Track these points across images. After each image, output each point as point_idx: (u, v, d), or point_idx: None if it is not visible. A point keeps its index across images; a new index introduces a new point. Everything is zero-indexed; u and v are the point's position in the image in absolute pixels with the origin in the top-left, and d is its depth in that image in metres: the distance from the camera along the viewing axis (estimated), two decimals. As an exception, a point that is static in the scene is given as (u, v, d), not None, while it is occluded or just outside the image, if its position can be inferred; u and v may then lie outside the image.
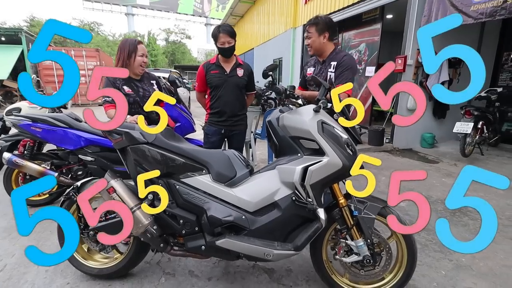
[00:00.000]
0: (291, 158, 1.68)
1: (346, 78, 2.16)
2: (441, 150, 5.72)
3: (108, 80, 2.35)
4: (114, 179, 1.77)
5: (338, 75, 2.18)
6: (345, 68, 2.18)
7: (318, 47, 2.29)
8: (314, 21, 2.25)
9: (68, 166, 3.15)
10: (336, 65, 2.21)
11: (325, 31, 2.23)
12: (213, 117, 2.71)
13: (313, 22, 2.25)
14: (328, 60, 2.30)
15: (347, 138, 1.66)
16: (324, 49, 2.30)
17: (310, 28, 2.26)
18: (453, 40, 5.55)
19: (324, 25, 2.23)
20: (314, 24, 2.24)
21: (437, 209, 3.13)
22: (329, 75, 2.25)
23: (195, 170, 1.75)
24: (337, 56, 2.26)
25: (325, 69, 2.29)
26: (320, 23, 2.23)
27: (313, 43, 2.28)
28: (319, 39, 2.25)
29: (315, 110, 1.60)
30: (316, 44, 2.28)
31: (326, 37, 2.25)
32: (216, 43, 2.53)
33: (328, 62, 2.29)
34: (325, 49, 2.29)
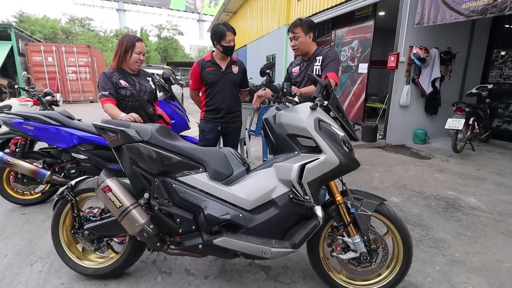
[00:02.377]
0: (288, 156, 1.68)
1: (332, 67, 2.27)
2: (433, 146, 5.80)
3: (105, 75, 2.32)
4: (110, 178, 1.75)
5: (325, 66, 2.29)
6: (331, 59, 2.30)
7: (304, 47, 2.39)
8: (299, 22, 2.35)
9: (61, 164, 3.11)
10: (322, 58, 2.33)
11: (310, 31, 2.35)
12: (209, 114, 2.69)
13: (298, 23, 2.35)
14: (313, 56, 2.41)
15: (344, 135, 1.66)
16: (309, 48, 2.41)
17: (296, 29, 2.35)
18: (445, 37, 5.62)
19: (309, 25, 2.35)
20: (299, 26, 2.34)
21: (431, 204, 3.17)
22: (315, 68, 2.36)
23: (191, 168, 1.74)
24: (322, 51, 2.38)
25: (311, 64, 2.40)
26: (304, 24, 2.34)
27: (300, 44, 2.37)
28: (306, 39, 2.36)
29: (311, 108, 1.60)
30: (303, 45, 2.38)
31: (311, 37, 2.37)
32: (220, 41, 2.50)
33: (313, 58, 2.40)
34: (310, 48, 2.41)
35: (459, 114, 4.86)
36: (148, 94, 2.46)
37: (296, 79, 2.53)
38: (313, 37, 2.39)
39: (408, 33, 5.54)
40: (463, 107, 4.88)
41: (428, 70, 5.65)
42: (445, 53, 5.74)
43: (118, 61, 2.33)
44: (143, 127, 1.80)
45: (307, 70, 2.40)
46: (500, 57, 6.24)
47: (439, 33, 5.68)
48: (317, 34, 9.68)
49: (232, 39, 2.52)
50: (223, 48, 2.52)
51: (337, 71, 2.32)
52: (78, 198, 1.94)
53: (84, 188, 1.93)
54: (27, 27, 27.18)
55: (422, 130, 5.95)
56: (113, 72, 2.33)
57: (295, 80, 2.54)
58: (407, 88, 5.76)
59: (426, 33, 5.59)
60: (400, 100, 5.81)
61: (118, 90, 2.31)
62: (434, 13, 4.73)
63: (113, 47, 31.40)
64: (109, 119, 1.97)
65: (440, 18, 4.63)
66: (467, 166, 4.57)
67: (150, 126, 1.81)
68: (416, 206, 3.13)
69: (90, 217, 1.92)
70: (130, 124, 1.83)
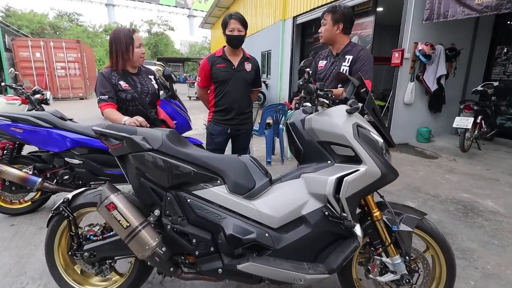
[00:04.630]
0: (320, 166, 1.47)
1: (366, 73, 1.99)
2: (437, 144, 5.68)
3: (103, 76, 2.06)
4: (114, 193, 1.51)
5: (357, 71, 2.00)
6: (363, 63, 2.03)
7: (329, 37, 2.14)
8: (331, 9, 2.10)
9: (53, 170, 2.85)
10: (352, 59, 2.06)
11: (340, 22, 2.08)
12: (218, 115, 2.46)
13: (330, 9, 2.10)
14: (342, 53, 2.14)
15: (383, 142, 1.47)
16: (336, 41, 2.15)
17: (327, 16, 2.11)
18: (448, 34, 5.47)
19: (341, 15, 2.07)
20: (331, 12, 2.09)
21: (449, 209, 3.02)
22: (343, 69, 2.09)
23: (208, 181, 1.53)
24: (353, 50, 2.10)
25: (338, 62, 2.14)
26: (337, 12, 2.07)
27: (325, 32, 2.13)
28: (333, 28, 2.10)
29: (348, 112, 1.39)
30: (327, 34, 2.13)
31: (340, 28, 2.09)
32: (224, 32, 2.29)
33: (342, 55, 2.13)
34: (337, 40, 2.14)
35: (467, 112, 4.74)
36: (150, 96, 2.21)
37: (320, 74, 2.28)
38: (344, 29, 2.11)
39: (413, 29, 5.38)
40: (472, 105, 4.76)
41: (433, 67, 5.51)
42: (450, 50, 5.61)
43: (122, 64, 2.06)
44: (152, 133, 1.57)
45: (334, 68, 2.17)
46: (504, 54, 6.15)
47: (443, 29, 5.54)
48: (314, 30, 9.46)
49: (237, 28, 2.27)
50: (226, 37, 2.31)
51: (371, 77, 2.06)
52: (76, 214, 1.70)
53: (83, 203, 1.69)
54: (13, 21, 26.31)
55: (426, 128, 5.82)
56: (111, 72, 2.08)
57: (318, 76, 2.29)
58: (412, 86, 5.62)
59: (430, 29, 5.44)
60: (404, 98, 5.67)
61: (118, 93, 2.06)
62: (444, 9, 4.57)
63: (103, 42, 30.82)
64: (110, 123, 1.73)
65: (451, 14, 4.47)
66: (476, 166, 4.45)
67: (160, 132, 1.58)
68: (434, 211, 2.97)
69: (91, 236, 1.68)
70: (137, 130, 1.60)
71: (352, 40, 2.23)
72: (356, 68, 2.03)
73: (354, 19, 2.14)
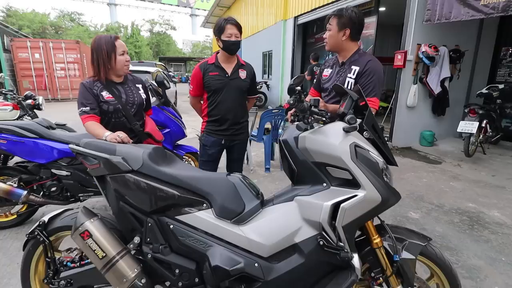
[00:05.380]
0: (314, 189, 1.35)
1: (373, 89, 1.77)
2: (441, 148, 5.53)
3: (84, 87, 1.94)
4: (90, 219, 1.39)
5: (363, 86, 1.76)
6: (370, 77, 1.77)
7: (334, 44, 1.89)
8: (337, 12, 1.84)
9: (40, 182, 2.74)
10: (358, 71, 1.81)
11: (347, 27, 1.81)
12: (211, 126, 2.34)
13: (336, 13, 1.85)
14: (349, 62, 1.89)
15: (383, 162, 1.34)
16: (342, 48, 1.90)
17: (332, 20, 1.86)
18: (452, 35, 5.27)
19: (348, 20, 1.80)
20: (336, 16, 1.84)
21: (453, 221, 2.88)
22: (348, 81, 1.85)
23: (193, 205, 1.40)
24: (360, 60, 1.84)
25: (343, 72, 1.90)
26: (344, 16, 1.81)
27: (330, 38, 1.88)
28: (338, 35, 1.85)
29: (345, 130, 1.27)
30: (332, 40, 1.88)
31: (347, 34, 1.83)
32: (220, 37, 2.14)
33: (348, 65, 1.88)
34: (343, 48, 1.89)
35: (472, 117, 4.58)
36: (136, 107, 2.08)
37: (325, 84, 2.04)
38: (351, 35, 1.84)
39: (416, 30, 5.23)
40: (476, 109, 4.60)
41: (437, 69, 5.35)
42: (454, 51, 5.45)
43: (104, 73, 1.94)
44: (132, 152, 1.45)
45: (338, 78, 1.93)
46: (509, 55, 5.98)
47: (447, 31, 5.38)
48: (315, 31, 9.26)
49: (234, 34, 2.14)
50: (223, 43, 2.15)
51: (379, 94, 1.81)
52: (53, 238, 1.59)
53: (60, 226, 1.58)
54: (14, 21, 26.29)
55: (429, 131, 5.67)
56: (93, 83, 1.95)
57: (323, 86, 2.07)
58: (415, 88, 5.47)
59: (434, 30, 5.29)
60: (407, 101, 5.52)
61: (100, 104, 1.94)
62: (447, 10, 4.41)
63: (104, 42, 30.58)
64: (88, 140, 1.61)
65: (454, 15, 4.32)
66: (481, 171, 4.30)
67: (141, 151, 1.45)
68: (438, 223, 2.84)
69: (68, 262, 1.56)
70: (116, 148, 1.48)
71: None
72: (362, 83, 1.79)
73: (363, 24, 1.89)
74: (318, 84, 2.12)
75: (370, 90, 1.77)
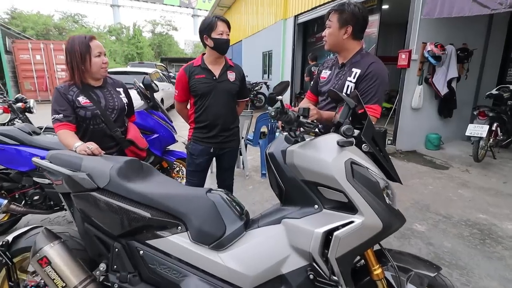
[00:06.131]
0: (304, 211, 1.17)
1: (375, 95, 1.57)
2: (448, 152, 5.30)
3: (58, 92, 1.77)
4: (50, 243, 1.22)
5: (364, 92, 1.57)
6: (372, 82, 1.57)
7: (334, 43, 1.68)
8: (338, 7, 1.63)
9: (22, 190, 2.60)
10: (360, 74, 1.61)
11: (349, 24, 1.60)
12: (199, 133, 2.16)
13: (337, 8, 1.63)
14: (349, 64, 1.69)
15: (385, 181, 1.15)
16: (343, 48, 1.69)
17: (332, 16, 1.65)
18: (459, 32, 4.99)
19: (351, 16, 1.59)
20: (337, 12, 1.62)
21: (463, 234, 2.68)
22: (347, 85, 1.64)
23: (166, 227, 1.23)
24: (361, 62, 1.63)
25: (343, 75, 1.69)
26: (345, 12, 1.60)
27: (330, 36, 1.67)
28: (339, 32, 1.63)
29: (340, 145, 1.08)
30: (332, 39, 1.66)
31: (348, 32, 1.62)
32: (210, 35, 1.97)
33: (349, 67, 1.68)
34: (344, 47, 1.68)
35: (482, 119, 4.35)
36: (117, 112, 1.91)
37: (322, 87, 1.84)
38: (353, 33, 1.63)
39: (421, 28, 5.01)
40: (486, 111, 4.37)
41: (443, 69, 5.13)
42: (462, 50, 5.22)
43: (79, 76, 1.78)
44: (99, 167, 1.28)
45: (338, 81, 1.72)
46: (519, 54, 5.74)
47: (453, 28, 5.15)
48: (316, 29, 8.99)
49: (225, 32, 1.98)
50: (214, 42, 1.97)
51: (381, 100, 1.60)
52: (19, 258, 1.44)
53: (25, 247, 1.42)
54: (19, 23, 26.43)
55: (435, 134, 5.45)
56: (69, 87, 1.79)
57: (320, 89, 1.87)
58: (420, 89, 5.25)
59: (440, 28, 5.06)
60: (412, 102, 5.30)
61: (76, 110, 1.77)
62: (449, 4, 4.15)
63: (106, 43, 30.78)
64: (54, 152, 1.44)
65: (457, 10, 4.07)
66: (491, 178, 4.08)
67: (110, 165, 1.29)
68: (446, 237, 2.63)
69: (32, 286, 1.40)
70: (82, 162, 1.31)
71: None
72: (363, 87, 1.59)
73: (367, 20, 1.67)
74: (316, 86, 1.93)
75: (372, 96, 1.56)
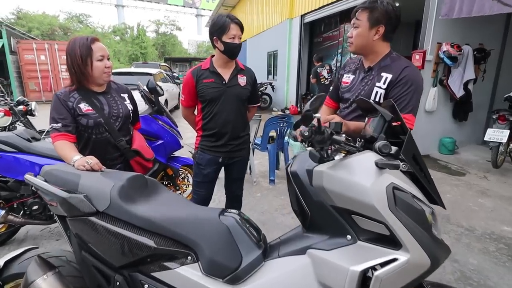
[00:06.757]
0: (335, 242, 1.00)
1: (410, 103, 1.40)
2: (463, 157, 5.09)
3: (57, 99, 1.62)
4: (43, 275, 1.07)
5: (397, 99, 1.38)
6: (407, 88, 1.39)
7: (363, 45, 1.49)
8: (369, 4, 1.43)
9: (21, 199, 2.47)
10: (391, 80, 1.42)
11: (381, 23, 1.41)
12: (207, 141, 2.01)
13: (367, 5, 1.43)
14: (377, 68, 1.50)
15: (430, 208, 0.99)
16: (372, 50, 1.50)
17: (361, 14, 1.45)
18: (476, 32, 4.76)
19: (383, 14, 1.40)
20: (368, 10, 1.43)
21: (488, 249, 2.49)
22: (376, 92, 1.47)
23: (175, 257, 1.08)
24: (393, 66, 1.45)
25: (370, 80, 1.51)
26: (378, 9, 1.40)
27: (358, 38, 1.47)
28: (369, 33, 1.44)
29: (379, 167, 0.92)
30: (361, 40, 1.47)
31: (380, 33, 1.43)
32: (220, 38, 1.79)
33: (377, 71, 1.49)
34: (373, 49, 1.49)
35: (502, 124, 4.14)
36: (121, 120, 1.75)
37: (344, 94, 1.64)
38: (385, 35, 1.44)
39: (436, 28, 4.81)
40: (507, 115, 4.16)
41: (459, 70, 4.93)
42: (478, 51, 5.01)
43: (80, 81, 1.63)
44: (98, 187, 1.13)
45: (363, 87, 1.54)
46: (538, 54, 5.50)
47: (469, 28, 4.94)
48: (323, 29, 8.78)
49: (238, 35, 1.81)
50: (224, 46, 1.80)
51: (416, 110, 1.43)
52: (12, 285, 1.30)
53: (18, 273, 1.27)
54: (25, 23, 26.59)
55: (450, 138, 5.24)
56: (70, 93, 1.64)
57: (342, 95, 1.67)
58: (434, 91, 5.05)
59: (455, 28, 4.85)
60: (426, 105, 5.10)
61: (77, 118, 1.62)
62: (469, 3, 3.96)
63: (111, 43, 30.84)
64: (50, 167, 1.30)
65: (477, 9, 3.87)
66: (511, 185, 3.88)
67: (110, 185, 1.13)
68: (471, 252, 2.45)
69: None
70: (80, 181, 1.16)
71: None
72: (396, 94, 1.41)
73: (400, 19, 1.47)
74: (336, 92, 1.75)
75: (405, 104, 1.39)
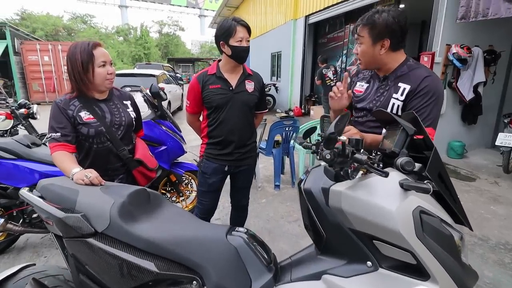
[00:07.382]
0: (353, 269, 0.92)
1: (428, 118, 1.29)
2: (472, 161, 4.98)
3: (57, 107, 1.54)
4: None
5: (417, 110, 1.28)
6: (427, 99, 1.29)
7: (371, 61, 1.41)
8: (367, 21, 1.34)
9: (20, 207, 2.41)
10: (410, 90, 1.32)
11: (385, 37, 1.32)
12: (212, 149, 1.92)
13: (366, 22, 1.34)
14: (393, 77, 1.40)
15: (459, 233, 0.90)
16: (383, 62, 1.40)
17: (362, 31, 1.36)
18: (485, 34, 4.64)
19: (384, 28, 1.30)
20: (367, 26, 1.34)
21: (504, 261, 2.39)
22: (393, 104, 1.36)
23: (179, 282, 1.00)
24: (411, 75, 1.34)
25: (386, 91, 1.41)
26: (377, 24, 1.31)
27: (363, 55, 1.40)
28: (373, 49, 1.35)
29: (405, 188, 0.83)
30: (367, 57, 1.39)
31: (386, 46, 1.33)
32: (227, 42, 1.71)
33: (394, 81, 1.39)
34: (384, 62, 1.40)
35: (513, 128, 4.04)
36: (124, 129, 1.68)
37: (358, 103, 1.54)
38: (392, 47, 1.34)
39: (445, 29, 4.70)
40: (519, 119, 4.06)
41: (469, 72, 4.81)
42: (489, 53, 4.89)
43: (80, 88, 1.55)
44: (97, 205, 1.05)
45: (379, 97, 1.43)
46: (549, 56, 5.38)
47: (479, 29, 4.82)
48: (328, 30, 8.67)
49: (245, 38, 1.72)
50: (232, 50, 1.71)
51: (435, 123, 1.32)
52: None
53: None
54: (29, 24, 26.72)
55: (459, 142, 5.12)
56: (70, 101, 1.56)
57: (355, 105, 1.57)
58: (443, 94, 4.94)
59: (464, 29, 4.74)
60: (434, 108, 4.99)
61: (77, 127, 1.55)
62: (484, 5, 3.88)
63: (115, 44, 30.94)
64: (47, 182, 1.22)
65: (492, 11, 3.78)
66: (523, 191, 3.77)
67: (110, 202, 1.06)
68: (486, 264, 2.35)
69: None
70: (78, 197, 1.09)
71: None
72: (416, 106, 1.30)
73: (407, 28, 1.34)
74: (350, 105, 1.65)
75: (425, 116, 1.28)
